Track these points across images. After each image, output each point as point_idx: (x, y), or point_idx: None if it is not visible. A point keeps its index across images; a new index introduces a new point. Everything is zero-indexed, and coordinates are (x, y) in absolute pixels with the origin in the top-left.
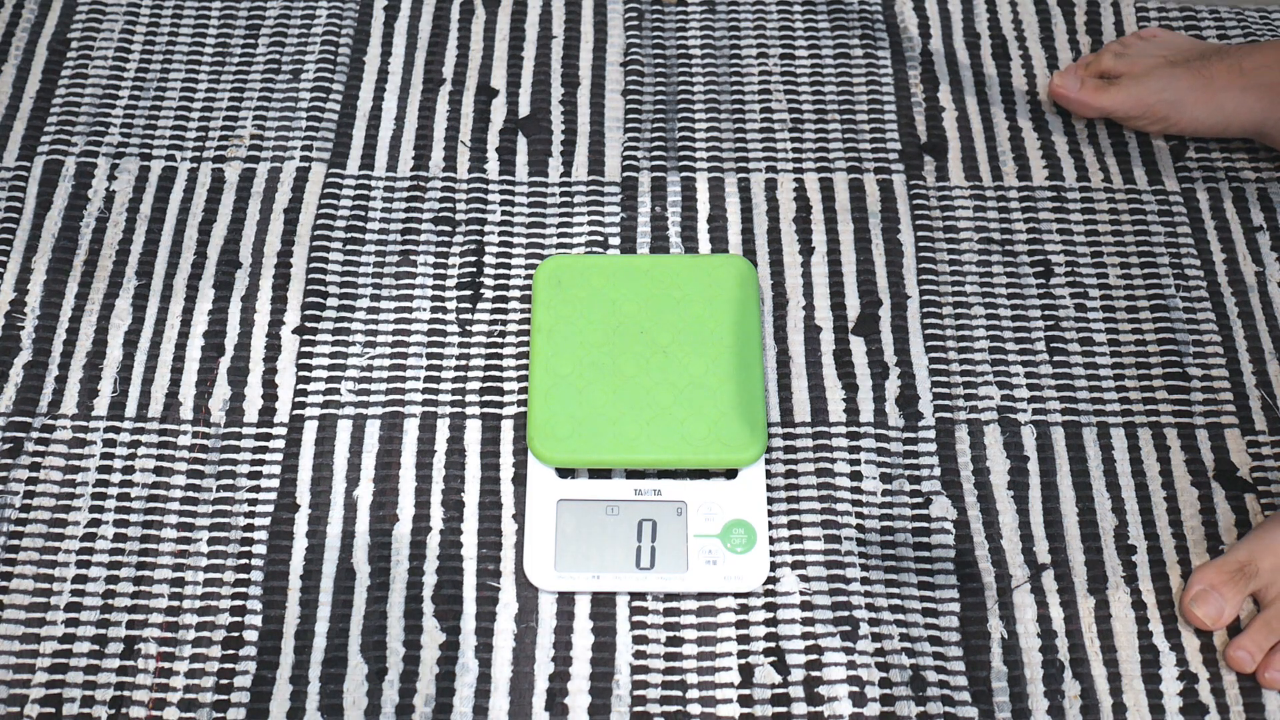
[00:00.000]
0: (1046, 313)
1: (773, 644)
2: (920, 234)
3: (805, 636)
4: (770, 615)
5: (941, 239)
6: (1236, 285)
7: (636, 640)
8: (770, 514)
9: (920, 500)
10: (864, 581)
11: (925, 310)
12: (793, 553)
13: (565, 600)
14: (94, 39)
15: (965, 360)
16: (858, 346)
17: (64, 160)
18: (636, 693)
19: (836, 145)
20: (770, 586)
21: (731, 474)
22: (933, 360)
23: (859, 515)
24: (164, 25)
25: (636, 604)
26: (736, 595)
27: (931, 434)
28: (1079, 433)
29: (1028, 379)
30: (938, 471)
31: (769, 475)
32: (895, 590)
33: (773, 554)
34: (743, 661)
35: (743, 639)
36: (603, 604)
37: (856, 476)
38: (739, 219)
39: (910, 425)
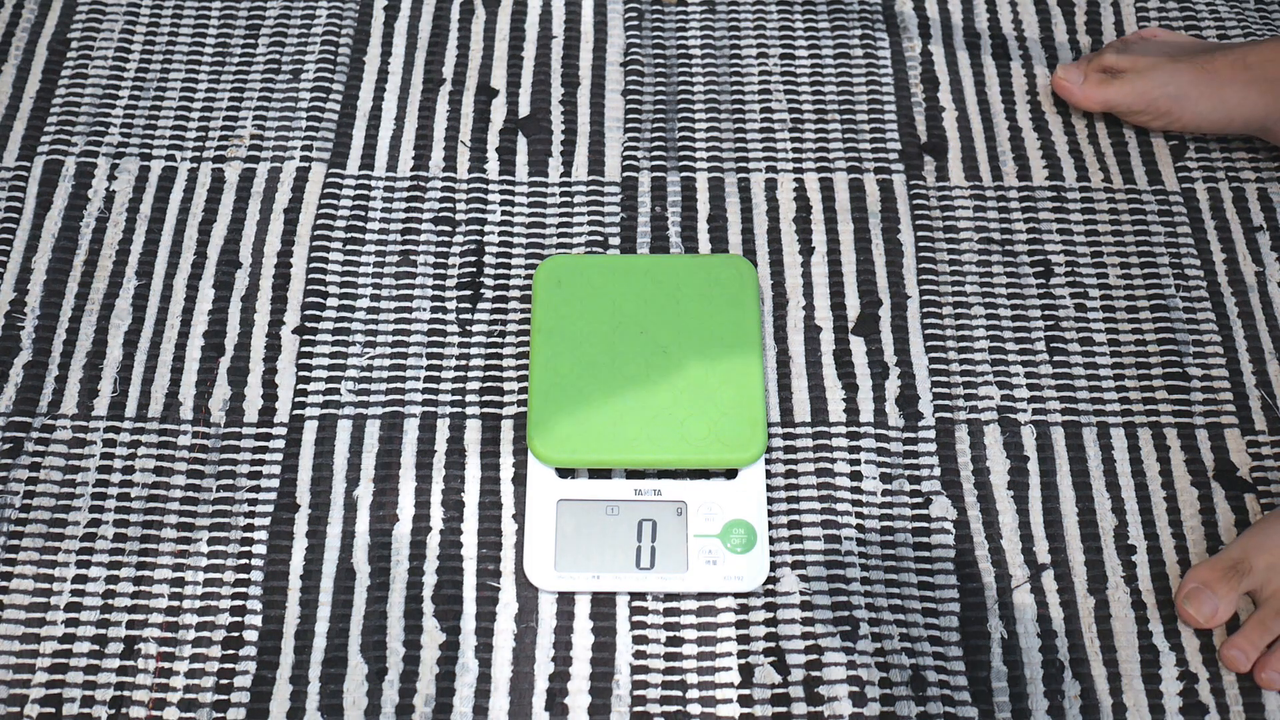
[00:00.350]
0: (1046, 313)
1: (773, 644)
2: (920, 234)
3: (805, 636)
4: (770, 615)
5: (941, 239)
6: (1236, 285)
7: (636, 640)
8: (770, 514)
9: (920, 500)
10: (864, 581)
11: (925, 310)
12: (793, 553)
13: (565, 600)
14: (94, 39)
15: (965, 360)
16: (858, 346)
17: (64, 160)
18: (636, 693)
19: (836, 145)
20: (770, 586)
21: (731, 474)
22: (933, 360)
23: (859, 515)
24: (164, 25)
25: (636, 604)
26: (736, 595)
27: (931, 434)
28: (1079, 433)
29: (1028, 379)
30: (938, 471)
31: (769, 475)
32: (895, 590)
33: (773, 554)
34: (743, 661)
35: (743, 639)
36: (603, 604)
37: (856, 476)
38: (739, 219)
39: (910, 425)
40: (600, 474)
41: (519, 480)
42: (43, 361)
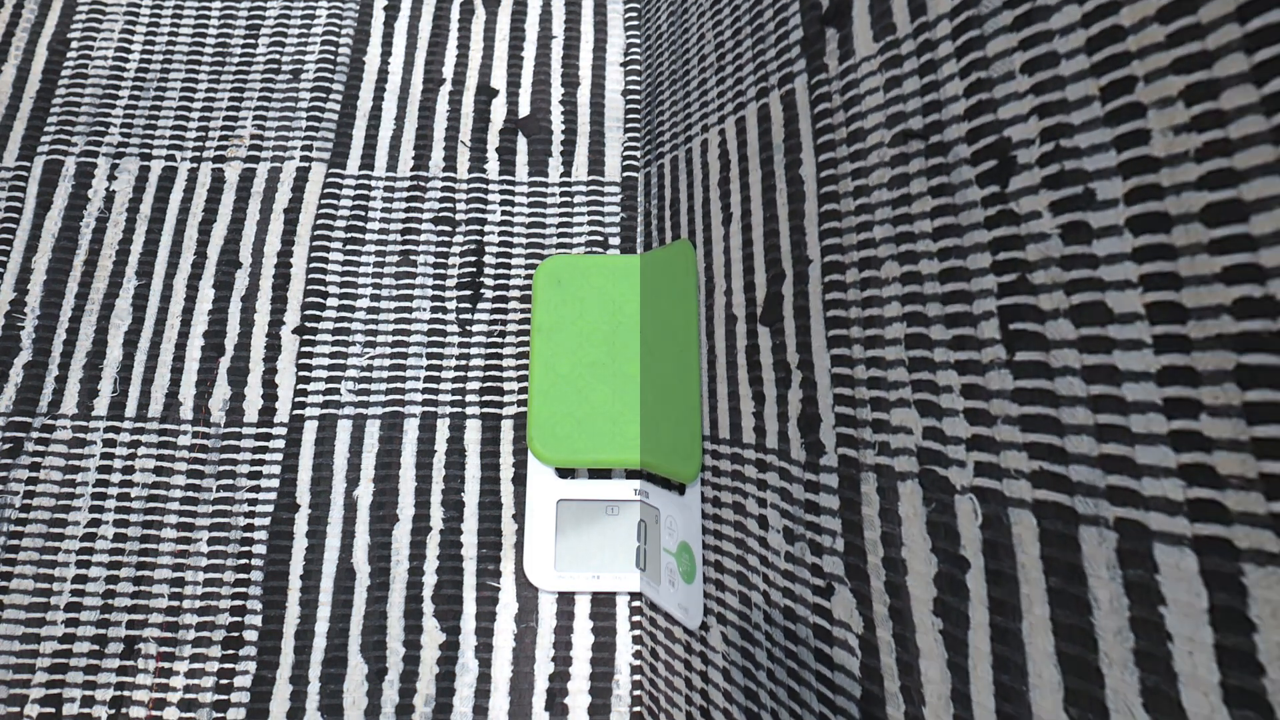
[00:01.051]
0: (1002, 254)
1: (704, 703)
2: (823, 157)
3: (726, 715)
4: (703, 670)
5: (845, 156)
6: None
7: (636, 640)
8: (704, 546)
9: (822, 584)
10: (770, 676)
11: (828, 279)
12: (719, 603)
13: (565, 600)
14: (94, 39)
15: (874, 361)
16: (764, 341)
17: (64, 160)
18: (636, 693)
19: (747, 69)
20: (704, 634)
21: (682, 489)
22: (835, 360)
23: (766, 580)
24: (164, 25)
25: (636, 604)
26: (685, 629)
27: (834, 479)
28: (1071, 530)
29: (966, 398)
30: (840, 544)
31: (703, 499)
32: (796, 707)
33: (706, 597)
34: (691, 706)
35: (688, 682)
36: (603, 604)
37: (764, 524)
38: (685, 196)
39: (812, 461)
40: (600, 474)
41: (519, 480)
42: (43, 361)
